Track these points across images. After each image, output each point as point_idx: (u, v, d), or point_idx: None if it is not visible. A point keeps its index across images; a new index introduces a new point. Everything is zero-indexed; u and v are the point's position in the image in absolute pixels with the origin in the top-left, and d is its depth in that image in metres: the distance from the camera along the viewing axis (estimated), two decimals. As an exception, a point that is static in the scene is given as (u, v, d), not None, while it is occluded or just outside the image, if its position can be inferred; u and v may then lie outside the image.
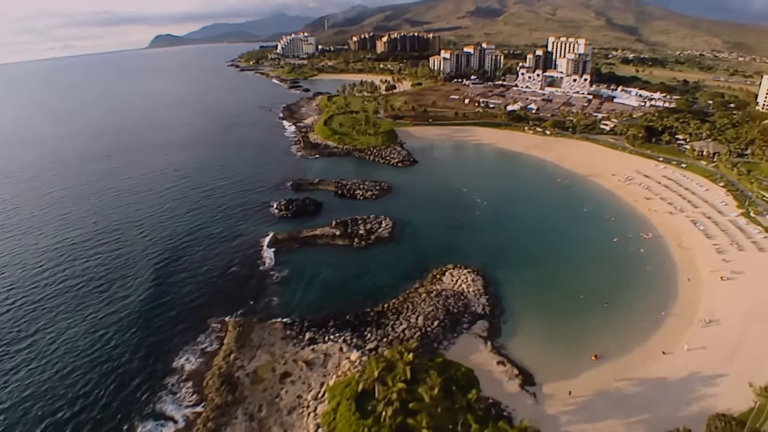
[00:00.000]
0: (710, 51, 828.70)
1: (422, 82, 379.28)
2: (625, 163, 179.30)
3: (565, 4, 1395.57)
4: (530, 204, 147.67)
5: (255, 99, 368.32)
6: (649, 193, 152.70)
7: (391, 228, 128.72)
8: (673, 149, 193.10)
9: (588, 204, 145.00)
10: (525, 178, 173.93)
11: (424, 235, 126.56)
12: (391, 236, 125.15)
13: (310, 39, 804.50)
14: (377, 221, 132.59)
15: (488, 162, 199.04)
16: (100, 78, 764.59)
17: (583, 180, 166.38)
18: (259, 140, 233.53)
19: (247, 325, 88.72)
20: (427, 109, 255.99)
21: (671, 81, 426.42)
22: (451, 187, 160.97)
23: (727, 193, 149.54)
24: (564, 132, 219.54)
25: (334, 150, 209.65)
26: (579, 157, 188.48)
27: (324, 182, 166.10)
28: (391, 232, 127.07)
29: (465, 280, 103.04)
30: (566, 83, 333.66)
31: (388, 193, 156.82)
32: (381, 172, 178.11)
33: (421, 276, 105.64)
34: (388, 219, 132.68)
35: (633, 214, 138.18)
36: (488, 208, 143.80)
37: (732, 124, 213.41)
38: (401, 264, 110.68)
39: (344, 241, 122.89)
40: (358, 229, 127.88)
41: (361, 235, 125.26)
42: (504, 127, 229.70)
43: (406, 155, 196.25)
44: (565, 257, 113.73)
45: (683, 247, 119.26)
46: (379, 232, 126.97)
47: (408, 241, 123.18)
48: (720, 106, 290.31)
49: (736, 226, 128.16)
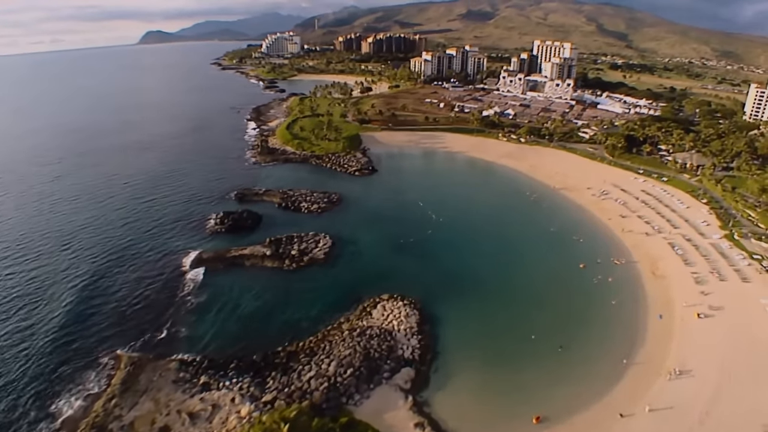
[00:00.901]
0: (699, 59, 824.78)
1: (400, 84, 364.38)
2: (602, 175, 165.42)
3: (557, 9, 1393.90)
4: (491, 221, 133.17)
5: (228, 99, 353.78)
6: (626, 210, 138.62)
7: (330, 248, 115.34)
8: (655, 161, 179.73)
9: (556, 222, 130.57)
10: (491, 191, 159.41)
11: (364, 256, 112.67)
12: (327, 258, 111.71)
13: (295, 38, 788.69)
14: (315, 240, 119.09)
15: (454, 172, 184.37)
16: (78, 74, 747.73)
17: (554, 194, 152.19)
18: (218, 144, 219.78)
19: (140, 363, 77.60)
20: (395, 113, 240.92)
21: (658, 88, 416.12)
22: (408, 200, 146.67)
23: (710, 211, 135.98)
24: (540, 140, 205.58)
25: (291, 156, 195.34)
26: (553, 167, 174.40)
27: (270, 193, 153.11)
28: (328, 252, 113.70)
29: (398, 314, 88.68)
30: (548, 88, 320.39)
31: (336, 206, 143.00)
32: (335, 182, 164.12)
33: (350, 308, 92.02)
34: (328, 237, 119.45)
35: (605, 235, 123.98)
36: (443, 225, 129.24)
37: (718, 135, 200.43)
38: (331, 292, 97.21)
39: (274, 263, 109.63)
40: (291, 249, 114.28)
41: (293, 256, 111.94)
42: (477, 134, 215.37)
43: (365, 163, 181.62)
44: (521, 287, 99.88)
45: (658, 275, 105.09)
46: (314, 253, 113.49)
47: (345, 264, 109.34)
48: (706, 115, 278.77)
49: (718, 250, 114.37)
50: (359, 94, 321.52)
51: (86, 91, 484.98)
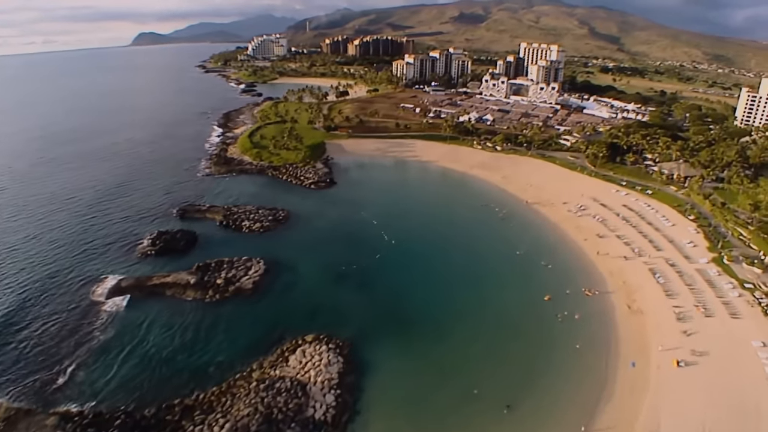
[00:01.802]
0: (690, 62, 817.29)
1: (379, 88, 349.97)
2: (581, 188, 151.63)
3: (550, 12, 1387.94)
4: (450, 244, 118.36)
5: (201, 103, 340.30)
6: (604, 229, 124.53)
7: (261, 276, 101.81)
8: (640, 171, 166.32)
9: (525, 243, 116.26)
10: (456, 206, 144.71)
11: (298, 287, 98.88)
12: (256, 288, 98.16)
13: (282, 41, 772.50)
14: (247, 266, 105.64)
15: (419, 185, 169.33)
16: (62, 76, 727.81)
17: (526, 210, 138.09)
18: (177, 154, 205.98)
19: (15, 416, 67.02)
20: (362, 119, 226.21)
21: (648, 91, 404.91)
22: (361, 218, 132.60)
23: (698, 229, 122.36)
24: (517, 148, 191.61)
25: (247, 167, 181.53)
26: (528, 178, 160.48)
27: (213, 209, 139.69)
28: (258, 282, 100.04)
29: (317, 362, 75.17)
30: (532, 92, 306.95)
31: (281, 225, 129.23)
32: (287, 196, 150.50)
33: (267, 351, 79.03)
34: (262, 263, 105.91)
35: (578, 259, 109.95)
36: (395, 249, 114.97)
37: (707, 143, 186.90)
38: (251, 331, 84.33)
39: (196, 293, 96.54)
40: (217, 277, 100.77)
41: (218, 285, 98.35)
42: (450, 142, 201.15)
43: (324, 175, 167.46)
44: (471, 326, 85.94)
45: (634, 309, 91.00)
46: (241, 283, 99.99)
47: (274, 296, 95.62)
48: (696, 120, 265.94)
49: (705, 278, 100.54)
50: (335, 99, 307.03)
51: (64, 94, 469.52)
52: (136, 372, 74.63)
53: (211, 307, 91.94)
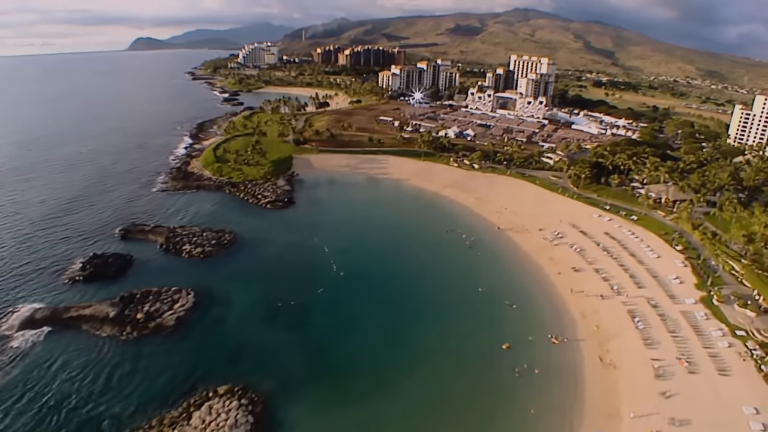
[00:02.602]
0: (684, 78, 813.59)
1: (362, 99, 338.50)
2: (560, 212, 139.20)
3: (545, 26, 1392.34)
4: (406, 277, 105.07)
5: (179, 112, 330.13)
6: (581, 261, 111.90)
7: (187, 310, 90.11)
8: (625, 193, 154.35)
9: (490, 278, 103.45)
10: (419, 231, 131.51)
11: (225, 325, 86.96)
12: (179, 325, 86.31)
13: (273, 49, 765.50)
14: (174, 298, 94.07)
15: (384, 206, 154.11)
16: (51, 78, 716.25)
17: (497, 237, 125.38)
18: (139, 165, 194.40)
19: None
20: (333, 133, 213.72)
21: (641, 106, 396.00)
22: (312, 244, 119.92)
23: (686, 262, 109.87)
24: (496, 166, 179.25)
25: (206, 183, 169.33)
26: (504, 200, 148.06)
27: (157, 230, 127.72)
28: (183, 317, 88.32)
29: (224, 421, 63.25)
30: (520, 105, 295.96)
31: (224, 250, 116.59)
32: (239, 216, 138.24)
33: (173, 404, 67.69)
34: (192, 295, 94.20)
35: (548, 298, 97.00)
36: (342, 282, 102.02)
37: (699, 163, 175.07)
38: (162, 377, 73.32)
39: (113, 329, 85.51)
40: (139, 310, 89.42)
41: (138, 321, 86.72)
42: (426, 158, 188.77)
43: (283, 193, 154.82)
44: (413, 383, 72.97)
45: (606, 363, 78.07)
46: (164, 318, 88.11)
47: (197, 335, 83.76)
48: (688, 138, 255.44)
49: (691, 323, 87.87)
50: (314, 110, 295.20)
51: (45, 98, 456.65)
52: (30, 425, 64.54)
53: (126, 347, 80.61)
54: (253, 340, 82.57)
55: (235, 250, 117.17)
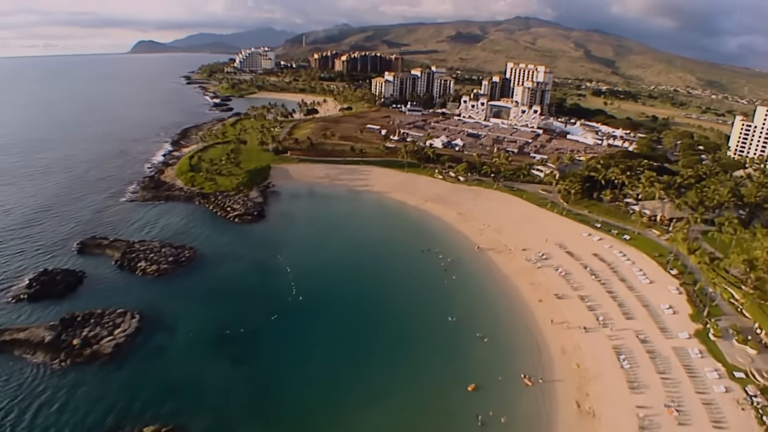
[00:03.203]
0: (684, 87, 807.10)
1: (353, 106, 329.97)
2: (547, 230, 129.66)
3: (546, 34, 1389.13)
4: (370, 304, 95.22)
5: (166, 118, 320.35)
6: (565, 287, 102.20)
7: (128, 336, 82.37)
8: (618, 210, 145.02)
9: (462, 305, 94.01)
10: (394, 251, 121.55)
11: (167, 354, 78.73)
12: (117, 352, 78.43)
13: (270, 54, 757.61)
14: (117, 321, 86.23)
15: (359, 221, 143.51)
16: (47, 80, 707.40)
17: (476, 257, 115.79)
18: (113, 174, 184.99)
19: None
20: (313, 142, 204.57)
21: (640, 116, 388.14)
22: (276, 264, 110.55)
23: (681, 287, 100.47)
24: (483, 178, 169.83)
25: (176, 193, 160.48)
26: (487, 216, 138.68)
27: (116, 244, 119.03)
28: (122, 344, 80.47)
29: None
30: (513, 114, 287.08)
31: (181, 268, 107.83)
32: (204, 231, 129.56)
33: None
34: (137, 318, 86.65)
35: (525, 330, 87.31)
36: (300, 308, 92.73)
37: (697, 177, 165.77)
38: (88, 413, 65.48)
39: (46, 356, 77.91)
40: (76, 335, 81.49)
41: (74, 346, 78.94)
42: (409, 169, 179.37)
43: (253, 206, 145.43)
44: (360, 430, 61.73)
45: (584, 410, 68.57)
46: (101, 345, 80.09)
47: (133, 366, 75.84)
48: (687, 149, 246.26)
49: (684, 362, 78.39)
50: (303, 117, 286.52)
51: (35, 101, 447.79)
52: None
53: (56, 376, 72.63)
54: (193, 373, 73.98)
55: (193, 268, 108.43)
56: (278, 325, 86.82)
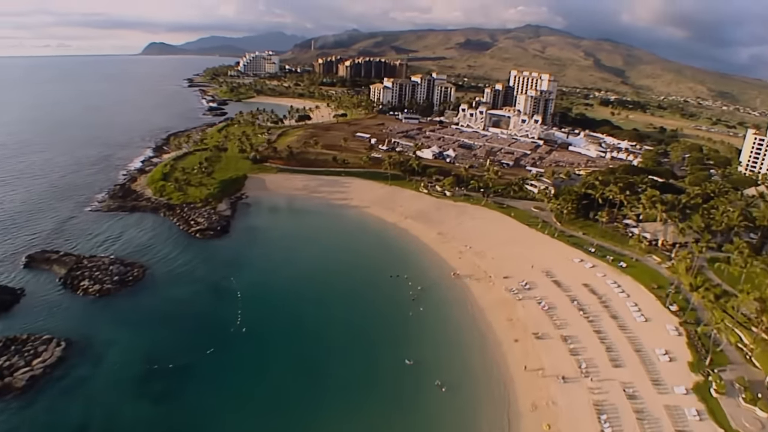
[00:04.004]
0: (695, 98, 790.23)
1: (349, 112, 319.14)
2: (535, 254, 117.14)
3: (556, 43, 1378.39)
4: (321, 339, 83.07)
5: (156, 122, 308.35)
6: (547, 324, 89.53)
7: (48, 367, 73.95)
8: (616, 232, 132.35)
9: (425, 345, 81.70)
10: (360, 275, 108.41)
11: (86, 388, 70.02)
12: (32, 386, 70.22)
13: (274, 58, 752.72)
14: (38, 349, 77.07)
15: (328, 240, 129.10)
16: (48, 80, 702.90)
17: (451, 285, 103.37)
18: (86, 181, 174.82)
19: None
20: (293, 151, 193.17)
21: (647, 127, 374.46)
22: (226, 288, 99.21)
23: (680, 328, 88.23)
24: (472, 194, 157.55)
25: (143, 204, 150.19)
26: (471, 236, 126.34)
27: (66, 258, 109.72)
28: (40, 376, 72.13)
29: None
30: (513, 124, 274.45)
31: (126, 289, 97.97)
32: (161, 246, 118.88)
33: None
34: (63, 346, 78.40)
35: (492, 378, 75.05)
36: (242, 341, 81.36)
37: (705, 196, 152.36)
38: None
39: None
40: None
41: None
42: (393, 182, 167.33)
43: (218, 220, 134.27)
44: None
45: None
46: (14, 377, 71.32)
47: (45, 403, 66.67)
48: (695, 163, 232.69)
49: (678, 427, 66.08)
50: (293, 123, 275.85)
51: (43, 100, 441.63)
52: None
53: None
54: (110, 414, 64.89)
55: (138, 289, 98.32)
56: (212, 360, 75.71)
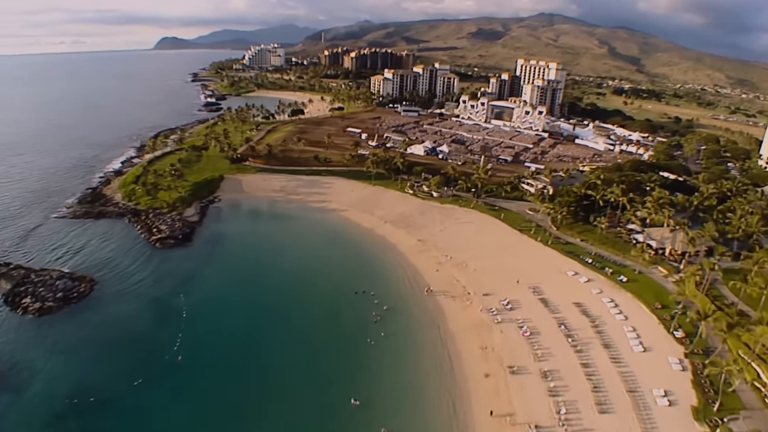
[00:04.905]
0: (712, 86, 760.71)
1: (345, 105, 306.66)
2: (524, 265, 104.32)
3: (570, 31, 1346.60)
4: (262, 370, 71.82)
5: (149, 119, 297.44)
6: (525, 356, 76.97)
7: None
8: (618, 239, 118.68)
9: (379, 380, 69.79)
10: (321, 292, 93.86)
11: None
12: None
13: (279, 51, 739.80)
14: None
15: (298, 250, 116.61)
16: (57, 79, 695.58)
17: (422, 305, 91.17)
18: (59, 186, 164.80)
19: None
20: (272, 149, 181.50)
21: (661, 117, 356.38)
22: (173, 306, 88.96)
23: (685, 362, 75.28)
24: (461, 194, 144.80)
25: (110, 209, 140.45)
26: (454, 244, 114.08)
27: (15, 272, 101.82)
28: None
29: None
30: (517, 116, 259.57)
31: (68, 306, 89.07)
32: (117, 256, 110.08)
33: None
34: None
35: (451, 426, 62.23)
36: (173, 371, 71.89)
37: (720, 196, 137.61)
38: None
39: None
40: None
41: None
42: (378, 182, 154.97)
43: (182, 227, 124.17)
44: None
45: None
46: None
47: None
48: (711, 156, 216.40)
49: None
50: (285, 118, 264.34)
51: (44, 99, 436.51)
52: None
53: None
54: None
55: (81, 307, 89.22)
56: (138, 394, 66.36)
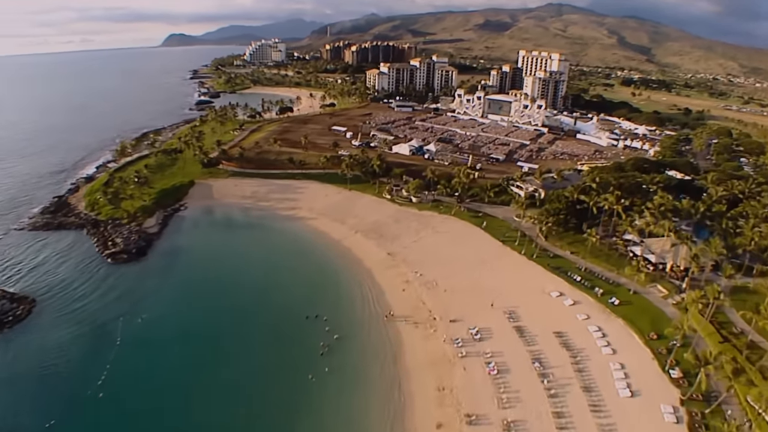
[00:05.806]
0: (725, 75, 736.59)
1: (337, 101, 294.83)
2: (501, 284, 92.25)
3: (578, 21, 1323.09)
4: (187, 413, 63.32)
5: (137, 120, 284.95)
6: (489, 401, 65.18)
7: None
8: (612, 251, 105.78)
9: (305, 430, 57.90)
10: (268, 317, 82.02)
11: None
12: None
13: (280, 46, 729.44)
14: None
15: (254, 266, 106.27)
16: (60, 79, 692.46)
17: (378, 333, 79.78)
18: (29, 194, 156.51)
19: None
20: (244, 151, 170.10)
21: (670, 108, 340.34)
22: (109, 332, 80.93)
23: (680, 411, 64.39)
24: (443, 198, 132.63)
25: (71, 220, 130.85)
26: (426, 258, 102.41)
27: None
28: None
29: None
30: (515, 110, 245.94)
31: (3, 330, 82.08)
32: (65, 273, 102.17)
33: None
34: None
35: None
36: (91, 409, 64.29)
37: (730, 199, 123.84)
38: None
39: None
40: None
41: None
42: (354, 186, 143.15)
43: (138, 240, 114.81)
44: None
45: None
46: None
47: None
48: (723, 152, 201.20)
49: None
50: (274, 116, 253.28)
51: (40, 100, 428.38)
52: None
53: None
54: None
55: (13, 333, 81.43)
56: None
